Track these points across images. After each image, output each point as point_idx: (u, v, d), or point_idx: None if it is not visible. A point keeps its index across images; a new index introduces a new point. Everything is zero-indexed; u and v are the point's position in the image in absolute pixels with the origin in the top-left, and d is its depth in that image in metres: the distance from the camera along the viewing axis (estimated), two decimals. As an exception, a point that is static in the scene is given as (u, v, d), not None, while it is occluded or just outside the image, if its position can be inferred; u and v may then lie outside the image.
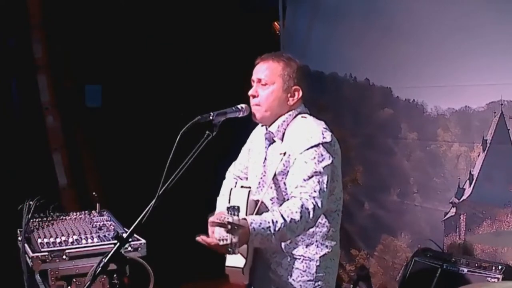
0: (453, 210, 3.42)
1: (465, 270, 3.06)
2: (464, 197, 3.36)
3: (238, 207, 2.09)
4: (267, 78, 2.40)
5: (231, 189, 2.40)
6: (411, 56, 3.57)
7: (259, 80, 2.41)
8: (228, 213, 2.00)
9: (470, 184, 3.32)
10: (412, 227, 3.72)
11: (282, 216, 2.09)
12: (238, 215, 1.99)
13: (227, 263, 2.23)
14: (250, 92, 2.43)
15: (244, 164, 2.70)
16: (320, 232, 2.41)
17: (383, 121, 3.89)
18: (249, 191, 2.35)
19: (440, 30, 3.38)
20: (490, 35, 3.08)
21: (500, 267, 2.97)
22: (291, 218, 2.09)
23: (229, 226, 1.95)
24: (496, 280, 2.91)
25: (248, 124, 2.65)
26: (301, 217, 2.11)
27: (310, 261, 2.41)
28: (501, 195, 3.12)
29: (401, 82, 3.72)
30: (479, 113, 3.22)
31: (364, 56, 3.97)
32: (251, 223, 2.04)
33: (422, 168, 3.63)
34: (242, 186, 2.43)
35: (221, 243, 1.97)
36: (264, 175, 2.46)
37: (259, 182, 2.47)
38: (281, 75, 2.41)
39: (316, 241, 2.41)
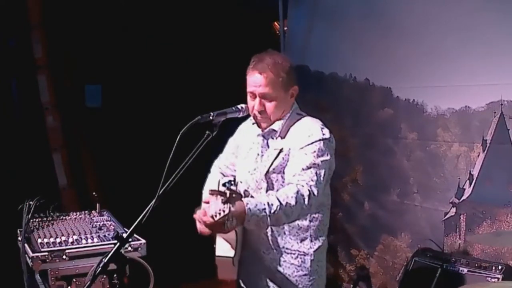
0: (453, 210, 3.42)
1: (465, 270, 3.06)
2: (464, 197, 3.36)
3: (234, 179, 2.12)
4: (271, 92, 2.38)
5: (219, 180, 2.42)
6: (411, 56, 3.57)
7: (262, 96, 2.39)
8: (224, 186, 2.03)
9: (470, 184, 3.32)
10: (412, 227, 3.72)
11: (277, 199, 2.12)
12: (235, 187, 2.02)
13: (217, 252, 2.24)
14: (257, 109, 2.40)
15: (229, 159, 2.70)
16: (314, 226, 2.45)
17: (383, 121, 3.89)
18: (237, 182, 2.38)
19: (440, 30, 3.38)
20: (490, 35, 3.08)
21: (500, 267, 2.97)
22: (287, 202, 2.13)
23: (228, 194, 1.96)
24: (496, 280, 2.91)
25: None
26: (296, 202, 2.14)
27: (305, 255, 2.45)
28: (501, 195, 3.13)
29: (401, 82, 3.72)
30: (479, 113, 3.22)
31: (364, 56, 3.97)
32: (247, 203, 2.07)
33: (422, 168, 3.63)
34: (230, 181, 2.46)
35: (216, 217, 1.96)
36: (257, 171, 2.47)
37: (252, 178, 2.48)
38: (282, 85, 2.40)
39: (310, 235, 2.45)
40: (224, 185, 2.14)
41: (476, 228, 3.29)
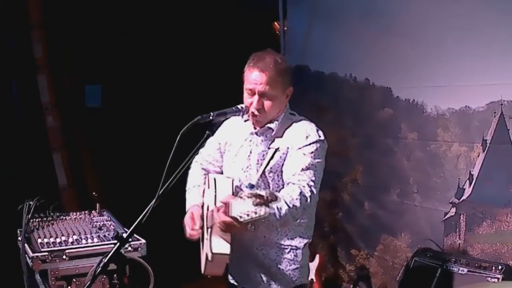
0: (453, 210, 3.42)
1: (465, 270, 3.07)
2: (464, 197, 3.36)
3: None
4: (271, 91, 2.39)
5: (215, 179, 2.41)
6: (411, 56, 3.57)
7: (262, 94, 2.39)
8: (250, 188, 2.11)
9: (470, 184, 3.32)
10: (412, 227, 3.72)
11: (285, 202, 2.17)
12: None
13: (214, 250, 2.23)
14: (255, 106, 2.40)
15: (213, 155, 2.66)
16: (304, 223, 2.50)
17: (383, 121, 3.89)
18: (233, 181, 2.37)
19: (440, 30, 3.38)
20: (490, 35, 3.08)
21: (500, 267, 2.97)
22: (293, 205, 2.19)
23: (266, 197, 1.96)
24: (496, 280, 2.91)
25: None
26: (300, 203, 2.21)
27: (297, 249, 2.49)
28: (501, 195, 3.13)
29: (401, 82, 3.72)
30: (479, 113, 3.22)
31: (364, 56, 3.97)
32: None
33: (422, 168, 3.63)
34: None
35: (242, 219, 1.97)
36: (251, 168, 2.47)
37: (246, 175, 2.47)
38: (281, 85, 2.41)
39: (301, 232, 2.50)
40: (250, 186, 2.19)
41: (476, 228, 3.29)
